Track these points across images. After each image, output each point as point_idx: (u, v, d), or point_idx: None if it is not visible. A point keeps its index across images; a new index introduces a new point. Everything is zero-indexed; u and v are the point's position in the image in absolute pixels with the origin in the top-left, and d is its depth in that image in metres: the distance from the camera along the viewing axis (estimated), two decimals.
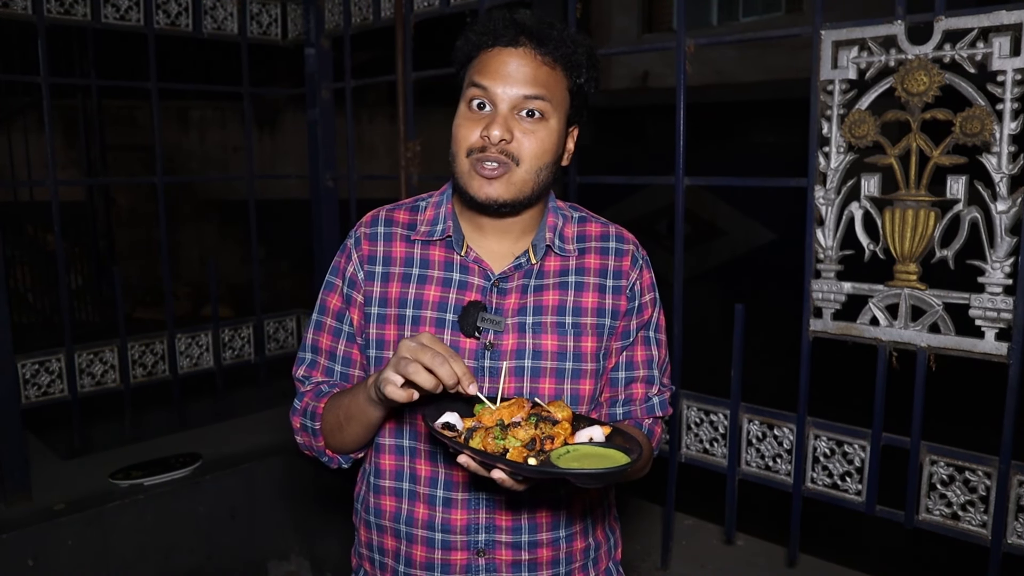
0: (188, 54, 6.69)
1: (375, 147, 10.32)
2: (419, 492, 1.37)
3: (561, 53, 1.29)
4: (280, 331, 4.28)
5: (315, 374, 1.46)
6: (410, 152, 3.29)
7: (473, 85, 1.29)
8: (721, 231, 11.84)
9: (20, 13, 3.19)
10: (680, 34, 2.42)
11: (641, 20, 12.77)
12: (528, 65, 1.27)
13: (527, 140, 1.27)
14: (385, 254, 1.40)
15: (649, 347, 1.46)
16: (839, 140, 2.15)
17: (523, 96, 1.26)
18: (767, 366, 4.74)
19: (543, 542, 1.38)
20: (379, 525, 1.43)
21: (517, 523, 1.36)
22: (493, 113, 1.27)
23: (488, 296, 1.35)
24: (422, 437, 1.37)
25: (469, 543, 1.36)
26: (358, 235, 1.44)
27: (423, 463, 1.37)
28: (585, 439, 1.17)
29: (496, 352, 1.33)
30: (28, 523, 2.91)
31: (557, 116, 1.30)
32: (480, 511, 1.36)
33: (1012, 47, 1.86)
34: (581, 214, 1.48)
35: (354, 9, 3.51)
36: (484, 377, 1.33)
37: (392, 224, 1.43)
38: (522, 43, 1.27)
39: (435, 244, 1.40)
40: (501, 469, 1.09)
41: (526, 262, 1.37)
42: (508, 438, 1.12)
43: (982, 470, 2.04)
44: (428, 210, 1.44)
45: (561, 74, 1.30)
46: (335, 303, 1.44)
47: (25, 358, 3.36)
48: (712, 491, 2.71)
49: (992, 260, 1.94)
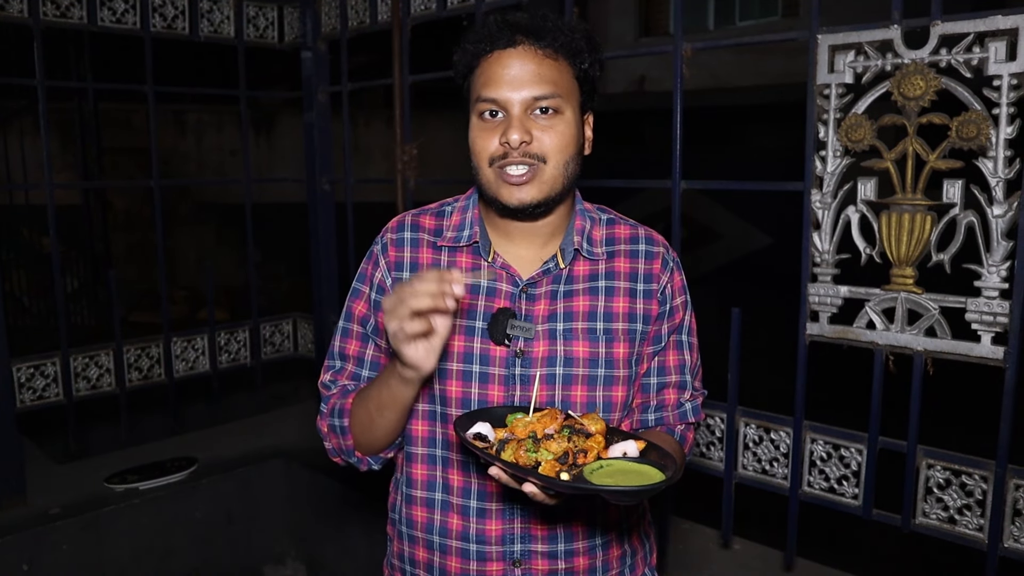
0: (184, 57, 6.69)
1: (371, 150, 10.33)
2: (452, 502, 1.36)
3: (561, 42, 1.27)
4: (276, 335, 4.27)
5: (341, 379, 1.44)
6: (407, 156, 3.29)
7: (481, 99, 1.27)
8: (718, 235, 11.87)
9: (16, 16, 3.18)
10: (677, 39, 2.42)
11: (638, 24, 12.79)
12: (531, 62, 1.25)
13: (547, 136, 1.25)
14: (412, 260, 1.39)
15: (681, 351, 1.44)
16: (836, 144, 2.15)
17: (533, 97, 1.25)
18: (764, 370, 4.73)
19: (579, 550, 1.37)
20: (411, 536, 1.41)
21: (553, 532, 1.35)
22: (507, 118, 1.25)
23: (517, 302, 1.34)
24: (454, 447, 1.35)
25: (505, 553, 1.34)
26: (384, 241, 1.42)
27: (456, 473, 1.36)
28: (619, 454, 1.15)
29: (527, 359, 1.32)
30: (23, 527, 2.90)
31: (571, 106, 1.29)
32: (515, 521, 1.34)
33: (1008, 52, 1.87)
34: (609, 216, 1.45)
35: (351, 12, 3.51)
36: (515, 385, 1.32)
37: (418, 230, 1.41)
38: (520, 41, 1.26)
39: (462, 250, 1.38)
40: (533, 483, 1.08)
41: (554, 267, 1.35)
42: (540, 451, 1.11)
43: (978, 474, 2.04)
44: (454, 215, 1.42)
45: (565, 63, 1.29)
46: (361, 309, 1.43)
47: (20, 362, 3.35)
48: (709, 494, 2.71)
49: (988, 264, 1.95)
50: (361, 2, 3.45)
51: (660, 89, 11.01)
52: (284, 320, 4.32)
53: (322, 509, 3.46)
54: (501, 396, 1.31)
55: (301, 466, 3.50)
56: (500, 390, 1.32)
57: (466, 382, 1.32)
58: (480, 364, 1.32)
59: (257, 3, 3.88)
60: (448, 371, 1.33)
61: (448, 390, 1.33)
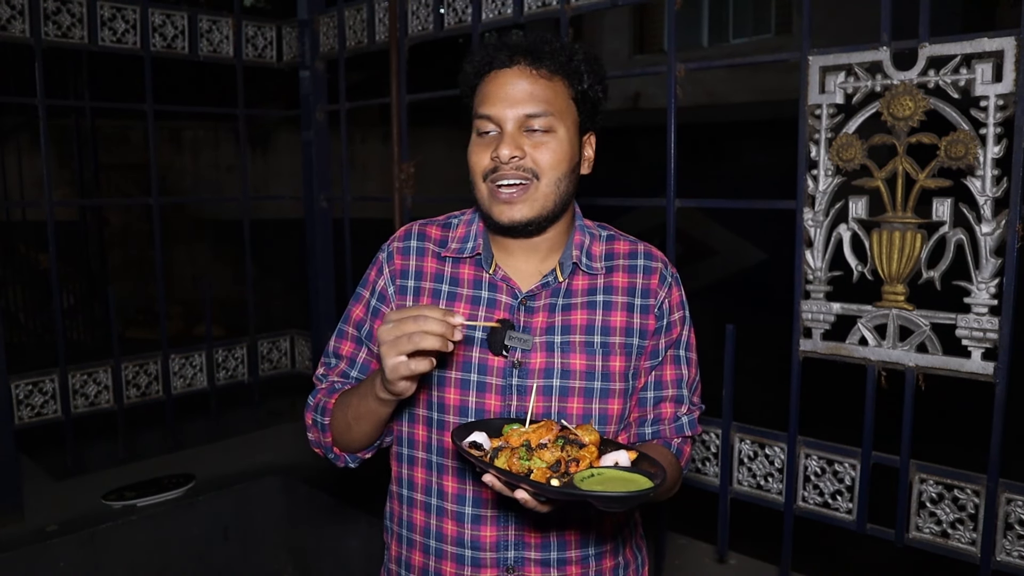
0: (180, 73, 6.72)
1: (368, 167, 10.36)
2: (447, 508, 1.39)
3: (558, 64, 1.31)
4: (274, 351, 4.28)
5: (332, 375, 1.49)
6: (404, 174, 3.32)
7: (478, 116, 1.32)
8: (713, 251, 11.91)
9: (18, 36, 3.21)
10: (671, 59, 2.46)
11: (632, 42, 12.89)
12: (525, 81, 1.29)
13: (539, 153, 1.29)
14: (417, 268, 1.43)
15: (679, 366, 1.46)
16: (827, 163, 2.19)
17: (525, 115, 1.28)
18: (758, 385, 4.76)
19: (572, 559, 1.39)
20: (410, 540, 1.44)
21: (546, 540, 1.37)
22: (500, 135, 1.29)
23: (516, 314, 1.37)
24: (449, 454, 1.38)
25: (499, 560, 1.37)
26: (391, 249, 1.46)
27: (450, 480, 1.38)
28: (611, 463, 1.17)
29: (524, 371, 1.34)
30: (20, 544, 2.90)
31: (564, 126, 1.31)
32: (509, 528, 1.37)
33: (994, 73, 1.91)
34: (609, 232, 1.48)
35: (349, 33, 3.55)
36: (512, 395, 1.34)
37: (425, 239, 1.45)
38: (516, 61, 1.30)
39: (465, 262, 1.42)
40: (524, 489, 1.10)
41: (553, 280, 1.38)
42: (533, 459, 1.13)
43: (971, 488, 2.06)
44: (460, 227, 1.46)
45: (561, 84, 1.32)
46: (359, 314, 1.47)
47: (19, 378, 3.36)
48: (704, 510, 2.72)
49: (978, 281, 1.98)
50: (359, 22, 3.49)
51: (654, 106, 11.09)
52: (281, 337, 4.33)
53: (319, 525, 3.46)
54: (498, 405, 1.34)
55: (298, 482, 3.51)
56: (497, 399, 1.34)
57: (464, 390, 1.35)
58: (478, 373, 1.35)
59: (256, 23, 3.92)
60: (447, 379, 1.36)
61: (446, 398, 1.36)
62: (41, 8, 3.23)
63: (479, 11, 2.97)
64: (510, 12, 2.88)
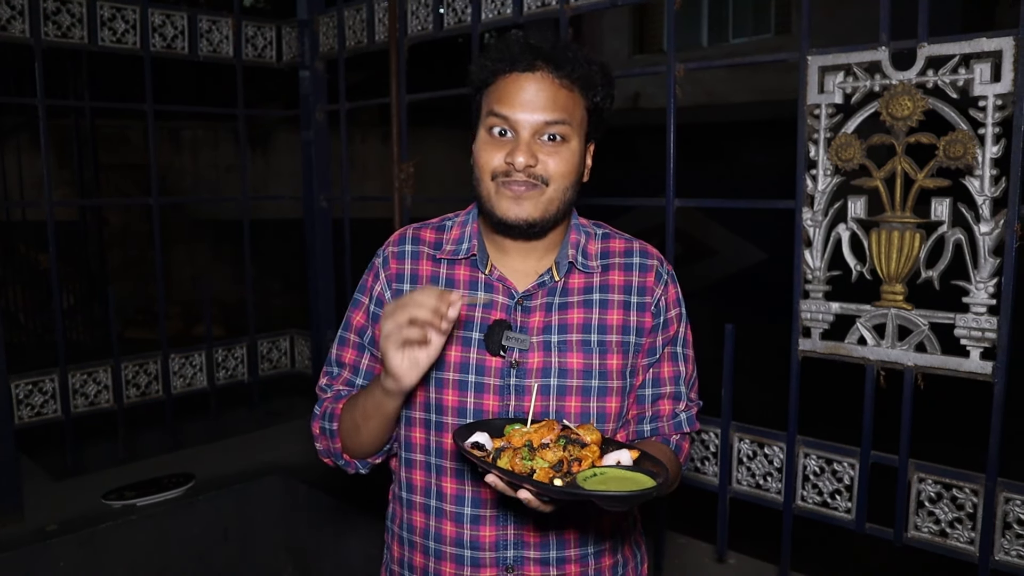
0: (180, 73, 6.72)
1: (367, 166, 10.36)
2: (445, 510, 1.39)
3: (578, 75, 1.30)
4: (274, 351, 4.29)
5: (336, 384, 1.48)
6: (403, 174, 3.32)
7: (493, 114, 1.30)
8: (712, 250, 11.92)
9: (18, 36, 3.21)
10: (670, 59, 2.46)
11: (632, 41, 12.90)
12: (547, 90, 1.28)
13: (552, 161, 1.29)
14: (412, 272, 1.43)
15: (676, 363, 1.46)
16: (826, 163, 2.19)
17: (544, 122, 1.28)
18: (757, 385, 4.76)
19: (571, 558, 1.39)
20: (411, 541, 1.44)
21: (545, 539, 1.38)
22: (515, 140, 1.29)
23: (513, 314, 1.37)
24: (448, 455, 1.38)
25: (498, 559, 1.37)
26: (386, 254, 1.46)
27: (449, 481, 1.38)
28: (613, 462, 1.17)
29: (522, 370, 1.34)
30: (20, 544, 2.90)
31: (577, 136, 1.32)
32: (508, 527, 1.37)
33: (993, 73, 1.91)
34: (604, 231, 1.48)
35: (349, 33, 3.55)
36: (510, 395, 1.34)
37: (419, 243, 1.45)
38: (539, 67, 1.29)
39: (460, 263, 1.42)
40: (527, 489, 1.11)
41: (549, 280, 1.39)
42: (536, 459, 1.13)
43: (969, 487, 2.06)
44: (454, 229, 1.45)
45: (579, 95, 1.32)
46: (359, 320, 1.47)
47: (19, 378, 3.36)
48: (704, 509, 2.73)
49: (976, 281, 1.98)
50: (359, 22, 3.50)
51: (654, 105, 11.10)
52: (281, 336, 4.34)
53: (319, 525, 3.46)
54: (496, 406, 1.34)
55: (298, 482, 3.51)
56: (495, 400, 1.34)
57: (462, 391, 1.35)
58: (476, 374, 1.35)
59: (256, 23, 3.92)
60: (444, 380, 1.36)
61: (444, 399, 1.36)
62: (41, 8, 3.24)
63: (478, 11, 2.98)
64: (509, 12, 2.88)
